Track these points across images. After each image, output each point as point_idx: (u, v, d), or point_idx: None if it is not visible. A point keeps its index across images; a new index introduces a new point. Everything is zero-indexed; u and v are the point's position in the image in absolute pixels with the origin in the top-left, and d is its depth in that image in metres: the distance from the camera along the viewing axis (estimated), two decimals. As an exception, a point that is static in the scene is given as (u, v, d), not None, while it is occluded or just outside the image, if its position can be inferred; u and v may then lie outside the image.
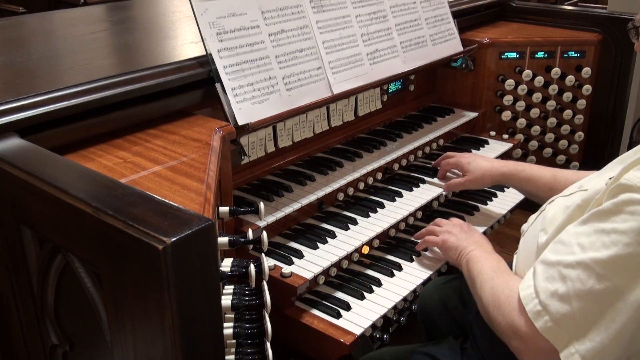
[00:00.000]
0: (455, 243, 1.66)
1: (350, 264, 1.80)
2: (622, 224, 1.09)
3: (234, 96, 1.66)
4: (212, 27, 1.66)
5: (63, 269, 1.15)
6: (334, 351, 1.51)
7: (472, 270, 1.51)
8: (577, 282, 1.12)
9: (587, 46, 2.55)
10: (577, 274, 1.13)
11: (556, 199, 1.46)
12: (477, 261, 1.52)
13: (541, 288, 1.18)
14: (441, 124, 2.41)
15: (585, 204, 1.23)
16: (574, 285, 1.13)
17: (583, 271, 1.12)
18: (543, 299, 1.17)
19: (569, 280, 1.13)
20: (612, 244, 1.09)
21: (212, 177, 1.29)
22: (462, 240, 1.66)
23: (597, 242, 1.11)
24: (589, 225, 1.15)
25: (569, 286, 1.13)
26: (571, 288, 1.13)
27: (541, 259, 1.23)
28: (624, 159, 1.40)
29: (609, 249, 1.09)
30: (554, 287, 1.16)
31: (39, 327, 1.25)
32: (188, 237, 0.88)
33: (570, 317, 1.13)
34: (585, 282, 1.11)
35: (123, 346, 1.01)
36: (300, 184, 1.89)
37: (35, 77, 1.61)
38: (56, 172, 1.11)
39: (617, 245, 1.08)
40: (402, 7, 2.26)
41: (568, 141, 2.65)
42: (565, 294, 1.14)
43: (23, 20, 2.61)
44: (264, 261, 1.28)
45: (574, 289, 1.13)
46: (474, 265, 1.52)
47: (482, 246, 1.61)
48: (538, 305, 1.17)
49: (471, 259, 1.56)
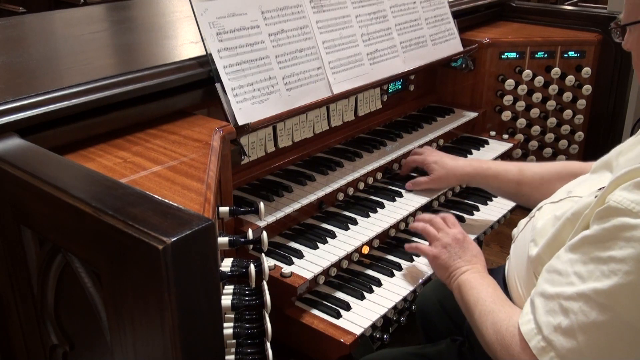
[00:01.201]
0: (446, 262, 1.58)
1: (350, 264, 1.80)
2: (619, 252, 1.05)
3: (234, 96, 1.66)
4: (212, 27, 1.66)
5: (63, 269, 1.15)
6: (334, 351, 1.51)
7: (467, 297, 1.45)
8: (580, 314, 1.09)
9: (587, 46, 2.55)
10: (579, 306, 1.09)
11: (544, 205, 1.45)
12: (472, 287, 1.45)
13: (543, 323, 1.15)
14: (441, 124, 2.41)
15: (574, 217, 1.21)
16: (577, 318, 1.09)
17: (585, 303, 1.09)
18: (547, 334, 1.14)
19: (572, 313, 1.10)
20: (612, 273, 1.06)
21: (212, 177, 1.29)
22: (454, 259, 1.57)
23: (595, 271, 1.08)
24: (582, 252, 1.12)
25: (572, 319, 1.10)
26: (574, 321, 1.10)
27: (539, 291, 1.19)
28: (609, 160, 1.39)
29: (609, 279, 1.06)
30: (556, 321, 1.12)
31: (39, 327, 1.25)
32: (188, 237, 0.88)
33: (577, 352, 1.10)
34: (589, 314, 1.08)
35: (123, 346, 1.01)
36: (300, 184, 1.89)
37: (35, 77, 1.61)
38: (56, 172, 1.11)
39: (617, 275, 1.05)
40: (402, 7, 2.26)
41: (568, 141, 2.65)
42: (569, 328, 1.11)
43: (23, 20, 2.61)
44: (264, 261, 1.28)
45: (577, 322, 1.09)
46: (468, 291, 1.45)
47: (475, 267, 1.53)
48: (542, 341, 1.14)
49: (464, 283, 1.49)
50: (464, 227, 1.99)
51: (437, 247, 1.63)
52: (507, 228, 2.20)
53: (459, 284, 1.50)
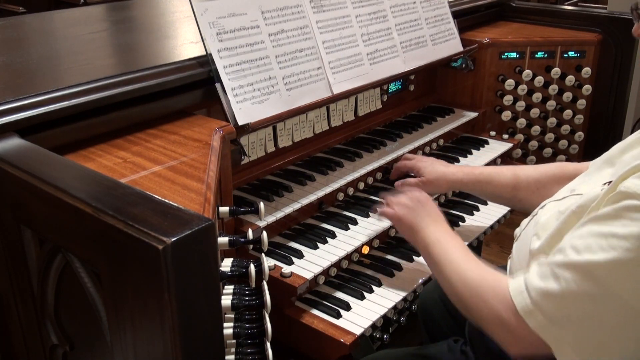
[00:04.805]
0: (412, 222, 1.59)
1: (350, 264, 1.80)
2: (622, 229, 1.06)
3: (234, 96, 1.66)
4: (212, 27, 1.66)
5: (63, 269, 1.15)
6: (334, 351, 1.51)
7: (435, 254, 1.46)
8: (571, 283, 1.10)
9: (587, 46, 2.55)
10: (571, 276, 1.10)
11: (547, 203, 1.45)
12: (440, 245, 1.47)
13: (533, 285, 1.16)
14: (441, 124, 2.41)
15: (580, 210, 1.21)
16: (568, 286, 1.10)
17: (577, 273, 1.09)
18: (534, 296, 1.14)
19: (563, 280, 1.11)
20: (611, 248, 1.06)
21: (212, 177, 1.29)
22: (419, 219, 1.58)
23: (593, 245, 1.09)
24: (585, 228, 1.13)
25: (562, 287, 1.11)
26: (565, 288, 1.10)
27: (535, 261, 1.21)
28: (610, 158, 1.39)
29: (606, 253, 1.06)
30: (546, 286, 1.13)
31: (39, 327, 1.25)
32: (188, 237, 0.88)
33: (565, 317, 1.11)
34: (580, 284, 1.09)
35: (123, 346, 1.01)
36: (300, 184, 1.89)
37: (35, 77, 1.61)
38: (56, 172, 1.11)
39: (616, 250, 1.05)
40: (402, 7, 2.26)
41: (568, 141, 2.65)
42: (558, 295, 1.11)
43: (23, 20, 2.61)
44: (264, 261, 1.28)
45: (568, 290, 1.10)
46: (435, 249, 1.47)
47: (440, 224, 1.55)
48: (530, 303, 1.15)
49: (432, 242, 1.50)
50: (464, 227, 2.00)
51: (401, 209, 1.64)
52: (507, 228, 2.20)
53: (428, 242, 1.51)
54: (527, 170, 1.79)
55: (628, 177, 1.10)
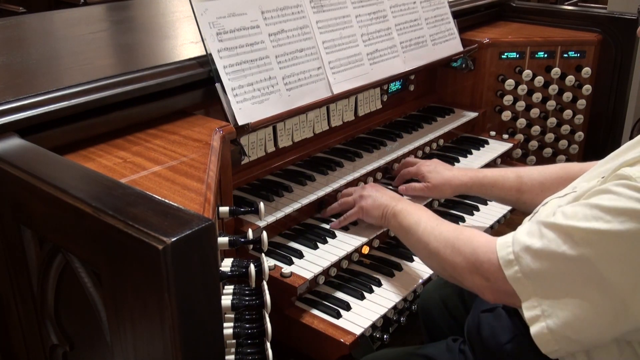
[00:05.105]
0: (374, 203, 1.69)
1: (350, 264, 1.80)
2: (607, 202, 1.10)
3: (234, 96, 1.66)
4: (212, 27, 1.66)
5: (63, 269, 1.15)
6: (334, 351, 1.51)
7: (405, 221, 1.55)
8: (552, 242, 1.15)
9: (587, 46, 2.55)
10: (554, 236, 1.15)
11: (550, 200, 1.46)
12: (408, 213, 1.56)
13: (518, 239, 1.21)
14: (441, 124, 2.41)
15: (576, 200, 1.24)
16: (549, 245, 1.15)
17: (559, 235, 1.14)
18: (517, 250, 1.20)
19: (546, 239, 1.16)
20: (594, 218, 1.11)
21: (212, 177, 1.29)
22: (380, 198, 1.69)
23: (579, 213, 1.13)
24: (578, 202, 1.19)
25: (544, 244, 1.16)
26: (546, 246, 1.16)
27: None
28: (615, 156, 1.40)
29: (589, 222, 1.11)
30: (530, 242, 1.18)
31: (39, 327, 1.25)
32: (188, 237, 0.88)
33: (538, 274, 1.17)
34: (560, 245, 1.13)
35: (123, 346, 1.01)
36: (300, 184, 1.89)
37: (35, 77, 1.61)
38: (56, 172, 1.11)
39: (598, 221, 1.10)
40: (402, 7, 2.26)
41: (568, 141, 2.65)
42: (538, 251, 1.17)
43: (23, 20, 2.61)
44: (264, 261, 1.28)
45: (548, 249, 1.15)
46: (405, 217, 1.56)
47: (402, 200, 1.66)
48: (511, 254, 1.21)
49: (399, 212, 1.59)
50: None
51: (361, 202, 1.75)
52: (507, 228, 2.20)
53: (394, 213, 1.62)
54: (531, 172, 1.80)
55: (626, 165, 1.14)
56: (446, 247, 1.38)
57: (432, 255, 1.43)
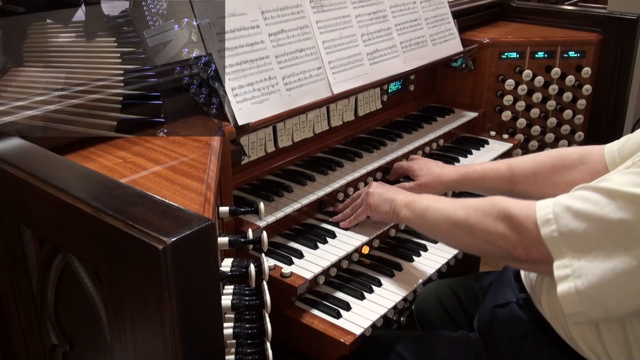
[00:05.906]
0: (380, 198, 1.69)
1: (350, 264, 1.79)
2: None
3: (234, 96, 1.66)
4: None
5: (63, 269, 1.15)
6: (334, 351, 1.51)
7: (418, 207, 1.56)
8: (594, 204, 1.15)
9: (587, 46, 2.55)
10: (597, 198, 1.15)
11: None
12: (420, 199, 1.58)
13: (560, 201, 1.22)
14: (441, 124, 2.41)
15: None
16: (590, 207, 1.16)
17: (603, 197, 1.15)
18: (557, 209, 1.21)
19: (587, 201, 1.17)
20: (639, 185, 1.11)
21: (212, 177, 1.29)
22: (386, 193, 1.70)
23: (626, 180, 1.14)
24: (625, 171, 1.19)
25: (585, 206, 1.16)
26: (587, 208, 1.16)
27: None
28: None
29: (634, 188, 1.11)
30: (571, 202, 1.19)
31: (39, 327, 1.25)
32: (188, 237, 0.88)
33: (575, 234, 1.17)
34: (603, 208, 1.14)
35: (123, 346, 1.01)
36: (300, 184, 1.89)
37: (35, 77, 1.61)
38: (56, 172, 1.11)
39: None
40: (402, 7, 2.26)
41: (568, 141, 2.65)
42: (578, 212, 1.17)
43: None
44: (264, 261, 1.28)
45: (589, 210, 1.16)
46: (417, 203, 1.57)
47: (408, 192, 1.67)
48: (550, 213, 1.21)
49: (410, 202, 1.60)
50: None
51: (368, 199, 1.74)
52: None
53: (405, 203, 1.62)
54: (523, 162, 1.78)
55: None
56: (476, 212, 1.38)
57: (458, 225, 1.41)
